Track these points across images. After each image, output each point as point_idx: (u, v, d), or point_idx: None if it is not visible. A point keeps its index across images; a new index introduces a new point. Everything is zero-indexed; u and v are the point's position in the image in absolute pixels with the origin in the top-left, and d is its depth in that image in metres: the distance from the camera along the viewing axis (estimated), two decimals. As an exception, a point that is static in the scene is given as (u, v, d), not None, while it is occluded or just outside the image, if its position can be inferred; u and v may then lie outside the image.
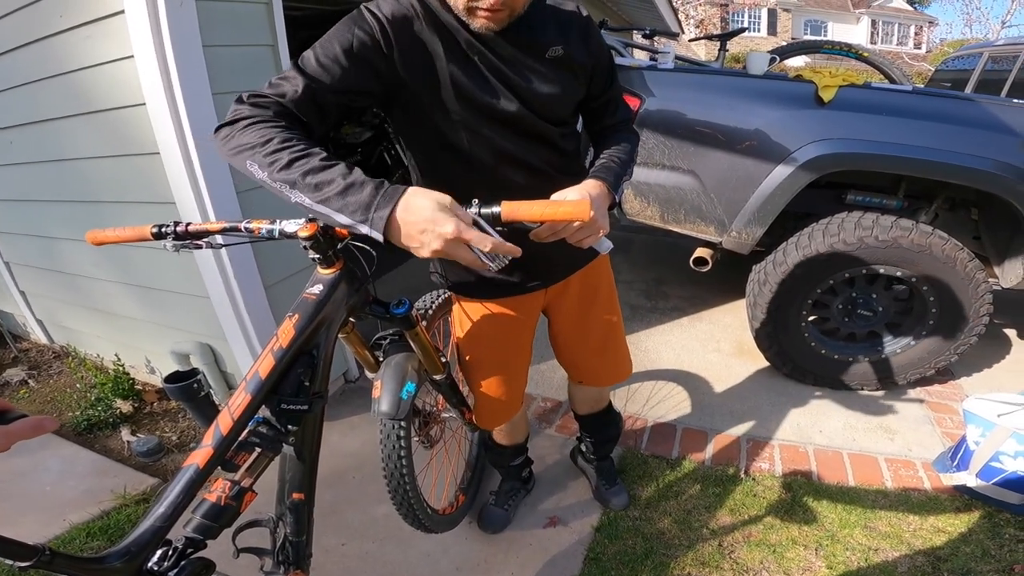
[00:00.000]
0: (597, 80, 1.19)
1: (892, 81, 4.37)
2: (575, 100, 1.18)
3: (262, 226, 1.02)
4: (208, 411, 2.10)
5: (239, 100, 0.97)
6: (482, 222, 0.86)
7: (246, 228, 1.02)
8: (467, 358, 1.48)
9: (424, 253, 0.83)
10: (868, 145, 2.13)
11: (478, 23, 0.99)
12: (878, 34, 29.38)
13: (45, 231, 2.57)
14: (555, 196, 0.99)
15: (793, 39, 24.55)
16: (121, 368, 2.60)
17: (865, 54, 4.46)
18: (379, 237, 0.82)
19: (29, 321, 3.12)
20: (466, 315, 1.41)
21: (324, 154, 0.88)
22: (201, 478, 0.83)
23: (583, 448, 1.96)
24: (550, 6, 1.11)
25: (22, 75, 2.13)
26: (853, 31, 28.74)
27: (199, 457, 0.84)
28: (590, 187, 1.04)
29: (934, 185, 2.33)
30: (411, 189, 0.84)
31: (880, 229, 2.15)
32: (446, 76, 1.05)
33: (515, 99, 1.09)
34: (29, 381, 2.82)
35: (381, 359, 1.31)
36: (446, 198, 0.82)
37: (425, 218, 0.80)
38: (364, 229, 0.83)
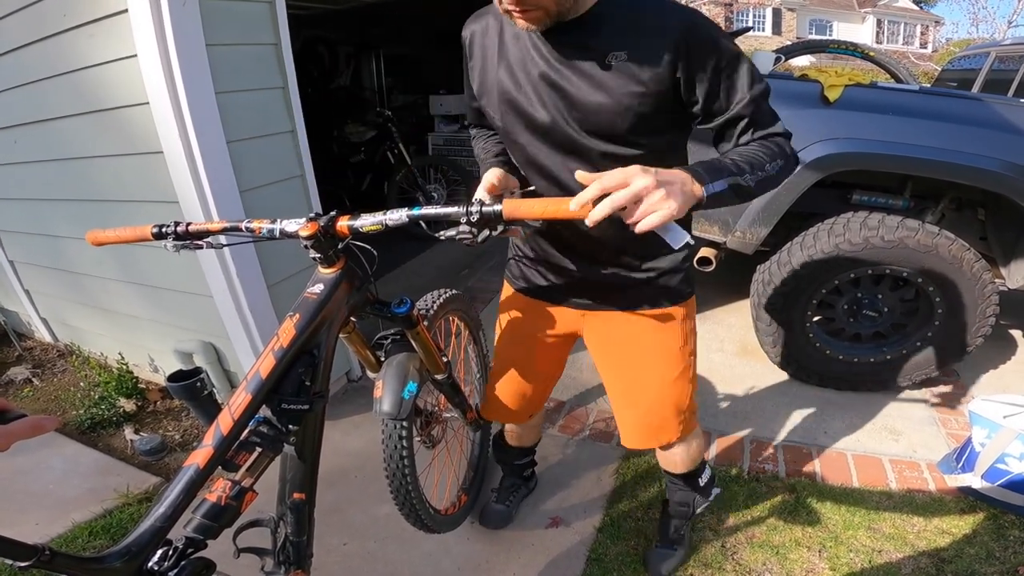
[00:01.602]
0: (708, 94, 1.00)
1: (898, 80, 4.35)
2: (638, 114, 1.01)
3: (263, 226, 1.02)
4: (211, 410, 2.11)
5: None
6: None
7: (247, 228, 1.03)
8: (495, 345, 1.50)
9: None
10: (874, 145, 2.12)
11: (517, 23, 0.97)
12: (883, 33, 29.21)
13: (49, 229, 2.57)
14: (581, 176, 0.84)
15: (798, 38, 24.45)
16: (125, 367, 2.61)
17: (871, 53, 4.44)
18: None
19: (34, 319, 3.13)
20: (511, 308, 1.42)
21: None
22: (201, 478, 0.83)
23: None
24: (647, 8, 0.98)
25: (26, 74, 2.14)
26: (858, 30, 28.59)
27: (199, 457, 0.84)
28: (660, 170, 0.84)
29: (940, 185, 2.31)
30: None
31: (886, 229, 2.13)
32: (495, 81, 1.10)
33: (551, 108, 1.05)
34: (33, 379, 2.83)
35: (382, 359, 1.30)
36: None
37: None
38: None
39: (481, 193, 1.06)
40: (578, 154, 1.08)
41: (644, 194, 0.79)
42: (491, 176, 1.12)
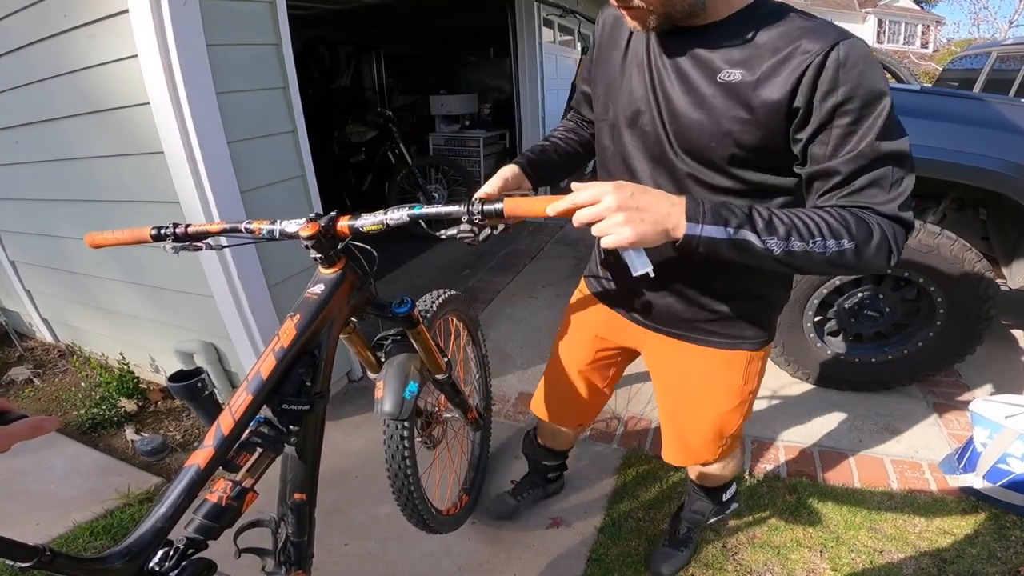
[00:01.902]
0: (815, 134, 0.85)
1: (899, 80, 4.34)
2: (738, 142, 0.90)
3: (263, 226, 1.02)
4: (212, 410, 2.09)
5: None
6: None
7: (246, 229, 1.03)
8: (553, 341, 1.49)
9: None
10: None
11: (627, 22, 0.93)
12: (884, 33, 29.18)
13: (50, 230, 2.57)
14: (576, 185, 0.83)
15: (799, 38, 24.42)
16: (126, 367, 2.61)
17: (872, 53, 4.45)
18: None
19: (35, 320, 3.13)
20: (580, 302, 1.40)
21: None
22: (202, 479, 0.83)
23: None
24: (790, 27, 0.86)
25: (27, 74, 2.14)
26: (859, 30, 28.50)
27: (200, 458, 0.84)
28: (658, 191, 0.81)
29: (942, 185, 2.31)
30: None
31: None
32: (611, 73, 1.06)
33: (654, 113, 0.98)
34: (34, 380, 2.83)
35: (383, 359, 1.30)
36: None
37: None
38: None
39: (486, 190, 1.05)
40: (667, 168, 1.01)
41: (606, 214, 0.77)
42: (505, 172, 1.11)
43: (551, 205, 0.82)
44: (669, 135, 0.98)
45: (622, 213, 0.77)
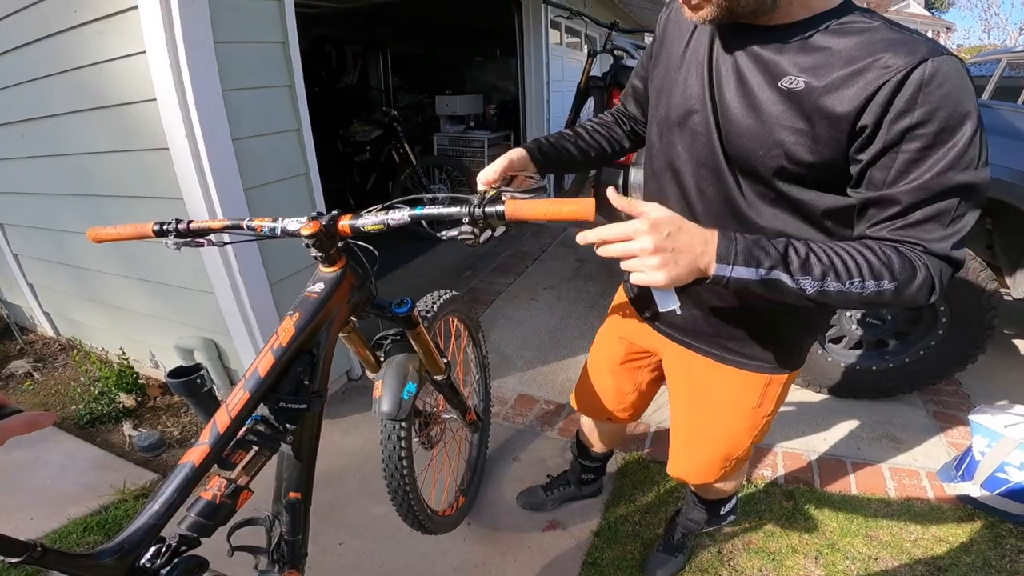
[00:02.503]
0: (876, 156, 0.77)
1: None
2: (788, 155, 0.84)
3: (264, 224, 1.02)
4: (210, 406, 2.09)
5: None
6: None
7: (248, 226, 1.03)
8: (594, 346, 1.50)
9: None
10: None
11: (684, 13, 0.89)
12: (893, 40, 29.12)
13: (54, 224, 2.58)
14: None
15: (806, 44, 24.35)
16: (125, 362, 2.61)
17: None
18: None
19: (36, 313, 3.14)
20: (617, 306, 1.40)
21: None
22: (197, 476, 0.83)
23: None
24: (875, 36, 0.78)
25: (36, 70, 2.15)
26: (867, 37, 28.46)
27: (195, 455, 0.83)
28: (692, 225, 0.77)
29: None
30: None
31: None
32: (670, 68, 1.02)
33: (708, 112, 0.93)
34: (34, 373, 2.84)
35: (382, 359, 1.31)
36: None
37: None
38: None
39: (487, 174, 1.03)
40: (713, 172, 0.95)
41: (639, 254, 0.73)
42: (512, 154, 1.08)
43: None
44: (721, 138, 0.92)
45: (658, 256, 0.73)
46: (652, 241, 0.73)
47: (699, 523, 1.63)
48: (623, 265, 0.76)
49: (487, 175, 1.03)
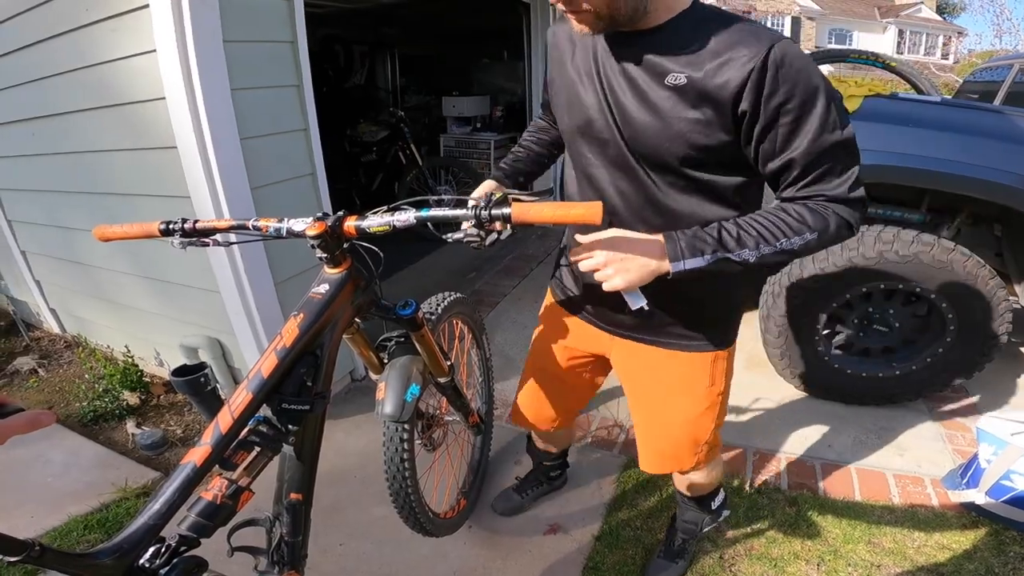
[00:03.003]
0: (763, 132, 0.90)
1: (919, 91, 4.28)
2: (691, 143, 0.94)
3: (270, 224, 1.02)
4: (214, 406, 2.09)
5: None
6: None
7: (254, 226, 1.03)
8: (530, 354, 1.50)
9: None
10: (893, 157, 2.09)
11: (573, 25, 0.95)
12: (905, 43, 28.93)
13: (62, 221, 2.60)
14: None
15: (817, 48, 24.26)
16: (130, 360, 2.62)
17: (892, 64, 4.37)
18: None
19: (43, 310, 3.16)
20: (548, 310, 1.42)
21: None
22: (198, 476, 0.83)
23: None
24: (728, 31, 0.89)
25: (47, 67, 2.16)
26: (879, 40, 28.28)
27: (197, 455, 0.83)
28: (640, 237, 0.94)
29: (958, 199, 2.28)
30: None
31: (901, 244, 2.10)
32: (564, 83, 1.09)
33: (608, 120, 1.01)
34: (39, 370, 2.85)
35: (385, 361, 1.30)
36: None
37: None
38: None
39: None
40: (627, 172, 1.04)
41: (599, 266, 0.93)
42: (486, 187, 1.21)
43: (580, 210, 0.85)
44: (625, 140, 1.00)
45: (611, 267, 0.93)
46: (604, 257, 0.93)
47: (695, 523, 1.63)
48: (595, 276, 0.95)
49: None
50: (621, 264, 0.92)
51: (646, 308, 0.94)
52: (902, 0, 29.21)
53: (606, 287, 0.93)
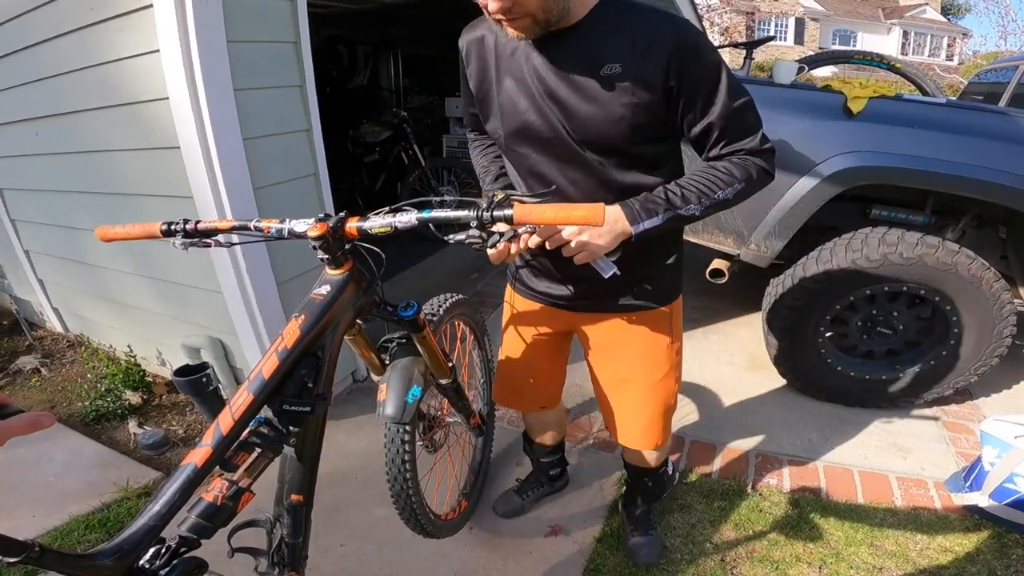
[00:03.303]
0: (686, 105, 1.04)
1: (924, 93, 4.27)
2: (632, 124, 1.04)
3: (271, 225, 1.02)
4: (215, 405, 2.12)
5: None
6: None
7: (255, 227, 1.03)
8: (504, 346, 1.53)
9: None
10: (897, 159, 2.08)
11: (508, 32, 0.99)
12: (909, 45, 28.80)
13: (65, 221, 2.60)
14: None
15: (821, 49, 24.23)
16: (133, 359, 2.63)
17: (897, 65, 4.36)
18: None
19: (46, 309, 3.16)
20: (512, 305, 1.47)
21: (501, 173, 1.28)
22: (199, 477, 0.83)
23: (623, 490, 1.91)
24: (639, 19, 1.00)
25: (51, 67, 2.17)
26: (884, 42, 28.16)
27: (197, 456, 0.83)
28: (605, 208, 0.96)
29: (962, 201, 2.27)
30: None
31: (905, 246, 2.09)
32: (495, 93, 1.12)
33: (552, 119, 1.07)
34: (42, 369, 2.85)
35: (387, 362, 1.30)
36: None
37: None
38: None
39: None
40: (577, 163, 1.11)
41: (571, 241, 1.02)
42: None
43: (583, 212, 0.87)
44: (570, 132, 1.07)
45: (584, 235, 1.03)
46: (574, 229, 1.02)
47: (656, 495, 1.76)
48: (566, 254, 1.05)
49: None
50: (590, 233, 1.02)
51: (618, 274, 1.03)
52: (906, 1, 29.14)
53: (580, 259, 1.03)
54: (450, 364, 1.43)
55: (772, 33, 26.76)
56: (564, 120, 1.06)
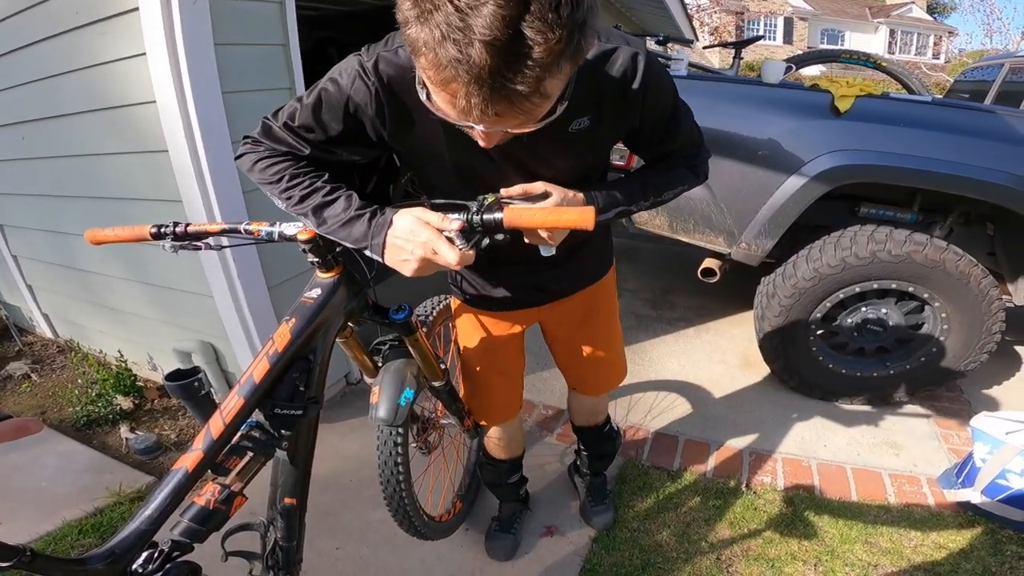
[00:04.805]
0: (644, 136, 1.06)
1: (910, 91, 4.31)
2: (594, 165, 1.10)
3: (262, 228, 1.01)
4: (208, 409, 2.11)
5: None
6: (454, 236, 0.87)
7: (246, 230, 1.02)
8: (469, 363, 1.48)
9: (407, 271, 0.91)
10: (884, 157, 2.10)
11: (481, 142, 0.83)
12: (896, 44, 29.07)
13: (54, 226, 2.58)
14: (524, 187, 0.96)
15: (809, 48, 24.36)
16: (123, 364, 2.61)
17: (883, 64, 4.40)
18: (381, 260, 0.93)
19: (35, 315, 3.14)
20: (469, 323, 1.41)
21: (327, 188, 0.98)
22: (190, 482, 0.82)
23: (578, 462, 1.94)
24: (600, 63, 0.91)
25: (37, 70, 2.15)
26: (871, 41, 28.41)
27: (188, 461, 0.83)
28: (568, 194, 0.96)
29: (950, 199, 2.30)
30: (399, 212, 0.91)
31: (893, 243, 2.11)
32: (445, 154, 0.98)
33: (512, 175, 0.99)
34: (32, 375, 2.83)
35: (380, 364, 1.30)
36: (429, 215, 0.89)
37: (407, 232, 0.88)
38: (368, 254, 0.94)
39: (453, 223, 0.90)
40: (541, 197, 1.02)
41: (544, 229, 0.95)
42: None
43: (573, 215, 0.84)
44: (544, 179, 0.99)
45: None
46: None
47: (610, 455, 1.83)
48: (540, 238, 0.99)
49: None
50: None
51: (554, 253, 1.01)
52: (893, 0, 29.39)
53: (535, 242, 0.98)
54: (443, 367, 1.43)
55: (761, 33, 26.92)
56: (526, 177, 0.98)
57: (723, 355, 2.87)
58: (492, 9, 0.59)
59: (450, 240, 0.87)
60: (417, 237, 0.87)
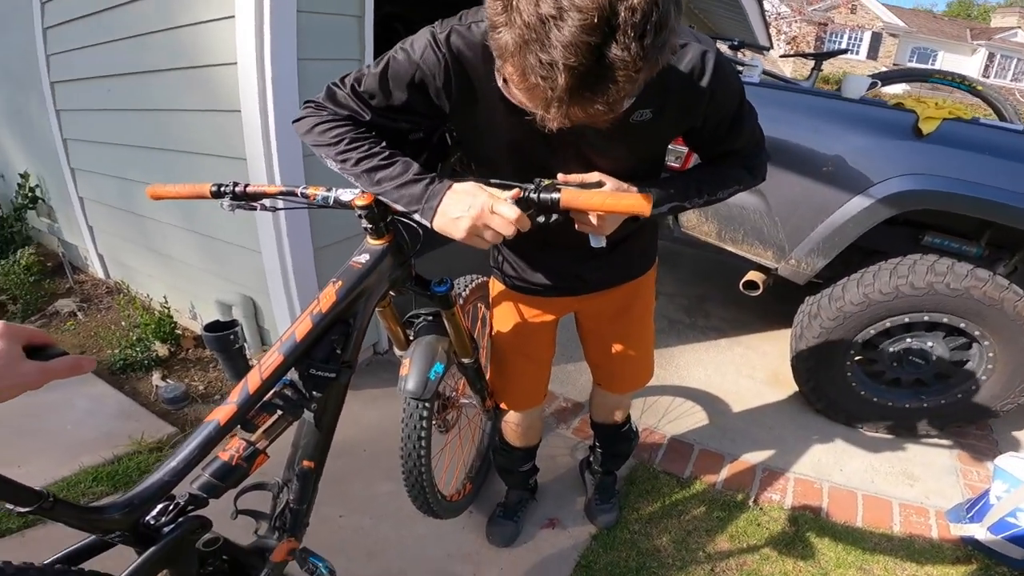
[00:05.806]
0: (706, 135, 1.06)
1: (1001, 118, 4.03)
2: (649, 159, 1.11)
3: (318, 193, 1.03)
4: (239, 364, 2.15)
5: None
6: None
7: (302, 194, 1.04)
8: (500, 344, 1.50)
9: (459, 230, 0.91)
10: (962, 185, 1.98)
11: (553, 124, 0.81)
12: (993, 68, 27.45)
13: (121, 172, 2.71)
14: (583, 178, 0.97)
15: (895, 65, 23.30)
16: (166, 310, 2.70)
17: (979, 87, 4.13)
18: (429, 225, 0.95)
19: (91, 254, 3.28)
20: (506, 306, 1.43)
21: (386, 153, 0.99)
22: (219, 435, 0.84)
23: (591, 459, 1.93)
24: (671, 63, 0.89)
25: (131, 27, 2.24)
26: (966, 63, 26.66)
27: (221, 414, 0.84)
28: (623, 185, 0.98)
29: (1021, 236, 2.17)
30: (457, 184, 0.92)
31: (954, 277, 2.02)
32: (502, 134, 1.00)
33: (571, 162, 1.00)
34: (78, 314, 2.93)
35: (412, 337, 1.31)
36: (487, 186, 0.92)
37: (466, 191, 0.91)
38: (418, 218, 0.96)
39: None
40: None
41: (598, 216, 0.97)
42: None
43: (631, 200, 0.85)
44: (600, 170, 1.01)
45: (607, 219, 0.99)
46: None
47: (625, 455, 1.85)
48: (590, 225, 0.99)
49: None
50: (610, 223, 1.00)
51: (604, 244, 1.02)
52: (998, 23, 27.85)
53: (586, 230, 0.99)
54: (474, 345, 1.44)
55: (845, 46, 25.81)
56: (583, 167, 0.99)
57: (752, 370, 2.82)
58: (576, 33, 0.62)
59: None
60: (476, 196, 0.89)
